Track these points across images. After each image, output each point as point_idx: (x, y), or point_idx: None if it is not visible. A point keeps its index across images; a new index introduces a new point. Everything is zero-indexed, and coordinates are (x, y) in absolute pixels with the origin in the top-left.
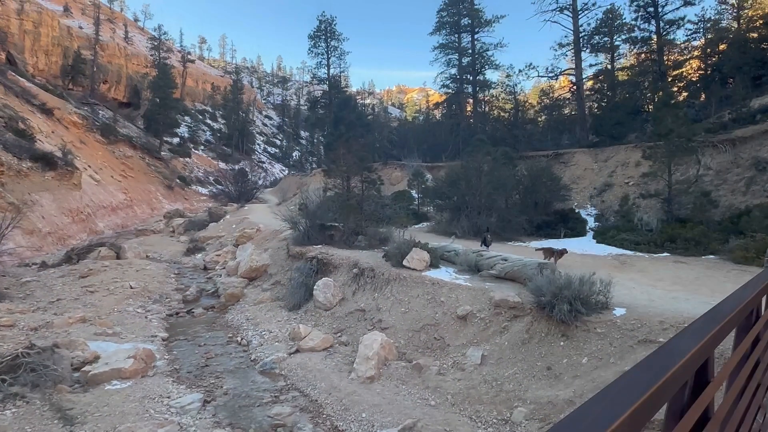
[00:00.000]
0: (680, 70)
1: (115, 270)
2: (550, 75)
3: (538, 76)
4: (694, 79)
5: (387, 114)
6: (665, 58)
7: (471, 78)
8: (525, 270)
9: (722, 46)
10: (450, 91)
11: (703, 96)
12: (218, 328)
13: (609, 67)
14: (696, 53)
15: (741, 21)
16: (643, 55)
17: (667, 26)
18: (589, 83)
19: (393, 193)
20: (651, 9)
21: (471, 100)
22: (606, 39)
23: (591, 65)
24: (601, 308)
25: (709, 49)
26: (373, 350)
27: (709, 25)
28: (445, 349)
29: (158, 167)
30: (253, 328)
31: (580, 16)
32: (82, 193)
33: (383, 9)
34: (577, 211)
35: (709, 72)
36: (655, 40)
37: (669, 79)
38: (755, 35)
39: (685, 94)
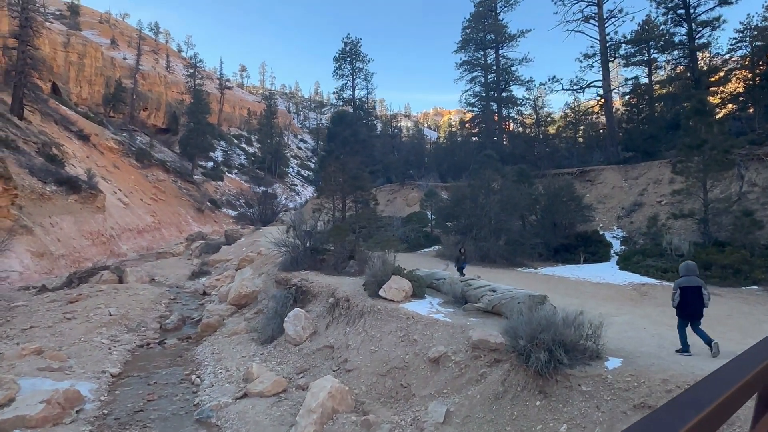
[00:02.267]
0: (717, 75)
1: (107, 295)
2: (576, 88)
3: (563, 89)
4: (740, 90)
5: (422, 135)
6: (703, 64)
7: (495, 95)
8: (513, 303)
9: None
10: (475, 109)
11: (752, 108)
12: (181, 362)
13: (646, 80)
14: (745, 62)
15: None
16: (678, 65)
17: (700, 28)
18: (626, 98)
19: (408, 215)
20: (682, 11)
21: (496, 117)
22: (636, 48)
23: (627, 79)
24: (589, 357)
25: (756, 58)
26: (317, 401)
27: (755, 32)
28: (409, 400)
29: (190, 190)
30: (214, 364)
31: (606, 25)
32: (107, 215)
33: (422, 35)
34: (601, 233)
35: (757, 81)
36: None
37: (705, 87)
38: None
39: (730, 106)
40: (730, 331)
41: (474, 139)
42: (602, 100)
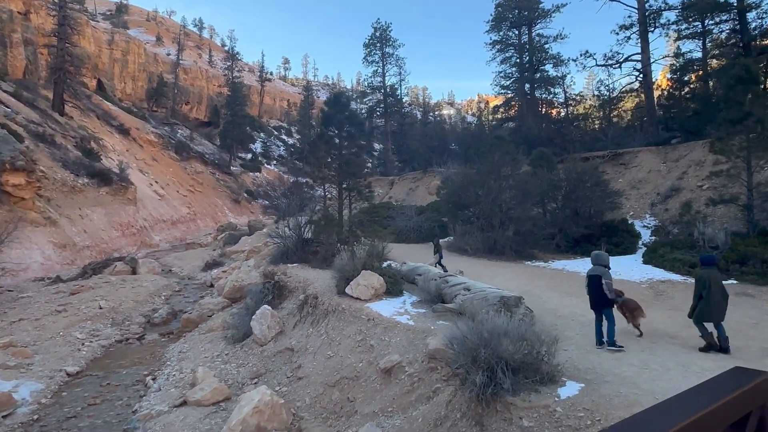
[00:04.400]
0: None
1: (110, 286)
2: (611, 63)
3: (596, 65)
4: None
5: (465, 122)
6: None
7: (528, 75)
8: (483, 305)
9: None
10: (507, 91)
11: None
12: (148, 361)
13: (699, 55)
14: None
15: None
16: (728, 30)
17: None
18: (673, 75)
19: (428, 204)
20: None
21: (528, 98)
22: (681, 16)
23: (676, 54)
24: (541, 381)
25: None
26: (239, 417)
27: None
28: (350, 418)
29: (227, 182)
30: (174, 364)
31: None
32: (140, 207)
33: (465, 20)
34: (630, 222)
35: None
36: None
37: (757, 53)
38: None
39: None
40: (749, 343)
41: (511, 124)
42: (641, 75)
